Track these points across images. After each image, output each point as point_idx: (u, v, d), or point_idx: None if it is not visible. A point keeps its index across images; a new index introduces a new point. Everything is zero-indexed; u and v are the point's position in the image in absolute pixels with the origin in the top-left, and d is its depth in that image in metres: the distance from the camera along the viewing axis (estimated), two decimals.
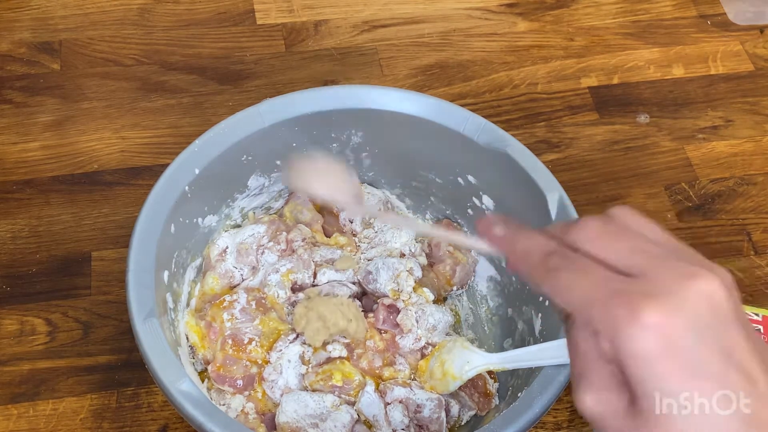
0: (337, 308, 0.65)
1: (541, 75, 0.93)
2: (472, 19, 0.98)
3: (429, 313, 0.67)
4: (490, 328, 0.72)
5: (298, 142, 0.70)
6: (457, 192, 0.72)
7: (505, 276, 0.72)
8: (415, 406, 0.63)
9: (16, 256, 0.75)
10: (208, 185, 0.65)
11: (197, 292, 0.69)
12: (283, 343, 0.65)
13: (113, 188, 0.80)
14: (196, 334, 0.65)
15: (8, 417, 0.66)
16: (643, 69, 0.94)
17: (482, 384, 0.66)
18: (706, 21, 0.99)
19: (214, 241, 0.70)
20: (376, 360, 0.65)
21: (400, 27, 0.96)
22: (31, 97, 0.86)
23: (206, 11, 0.96)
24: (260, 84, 0.89)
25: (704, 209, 0.83)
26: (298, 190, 0.63)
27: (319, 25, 0.95)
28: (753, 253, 0.80)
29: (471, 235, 0.71)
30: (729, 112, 0.91)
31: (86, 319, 0.72)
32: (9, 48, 0.90)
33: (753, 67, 0.95)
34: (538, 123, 0.89)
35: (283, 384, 0.64)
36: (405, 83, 0.91)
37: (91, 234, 0.77)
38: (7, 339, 0.70)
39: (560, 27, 0.98)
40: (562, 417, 0.70)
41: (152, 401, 0.68)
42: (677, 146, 0.88)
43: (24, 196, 0.79)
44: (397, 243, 0.71)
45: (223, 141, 0.65)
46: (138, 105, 0.87)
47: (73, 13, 0.94)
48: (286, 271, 0.68)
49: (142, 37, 0.93)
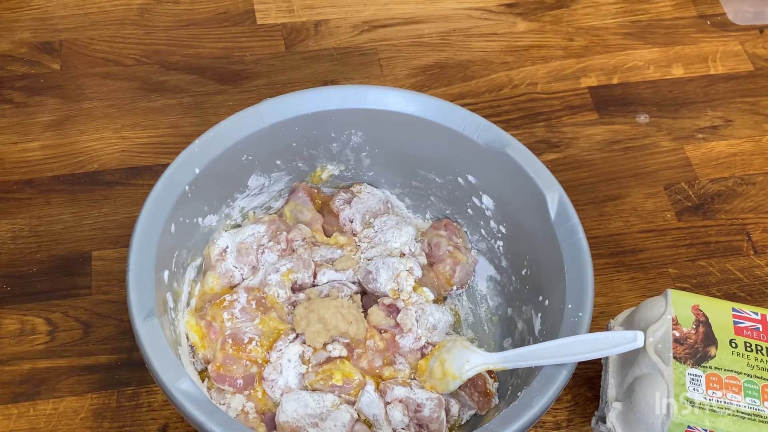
0: (338, 311, 0.65)
1: (541, 75, 0.93)
2: (472, 19, 0.98)
3: (429, 312, 0.67)
4: (490, 328, 0.72)
5: (298, 142, 0.70)
6: (457, 192, 0.72)
7: (505, 276, 0.72)
8: (415, 405, 0.63)
9: (17, 256, 0.75)
10: (208, 185, 0.65)
11: (197, 292, 0.69)
12: (283, 342, 0.65)
13: (113, 188, 0.80)
14: (196, 333, 0.65)
15: (8, 416, 0.66)
16: (643, 69, 0.94)
17: (482, 383, 0.66)
18: (706, 21, 0.99)
19: (215, 241, 0.70)
20: (376, 359, 0.65)
21: (400, 27, 0.96)
22: (32, 96, 0.86)
23: (206, 11, 0.96)
24: (260, 84, 0.89)
25: (704, 209, 0.83)
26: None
27: (319, 25, 0.95)
28: (752, 252, 0.80)
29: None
30: (728, 112, 0.91)
31: (86, 318, 0.72)
32: (9, 48, 0.90)
33: (752, 67, 0.95)
34: (538, 123, 0.89)
35: (283, 383, 0.64)
36: (405, 83, 0.91)
37: (92, 234, 0.77)
38: (8, 338, 0.70)
39: (560, 27, 0.98)
40: (561, 417, 0.70)
41: (152, 401, 0.68)
42: (677, 146, 0.88)
43: (24, 196, 0.79)
44: (397, 243, 0.71)
45: (223, 141, 0.65)
46: (138, 105, 0.87)
47: (73, 13, 0.94)
48: (286, 270, 0.68)
49: (142, 37, 0.93)
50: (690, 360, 0.60)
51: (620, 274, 0.78)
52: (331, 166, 0.74)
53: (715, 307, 0.63)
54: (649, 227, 0.81)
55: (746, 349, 0.61)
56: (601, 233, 0.81)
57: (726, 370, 0.60)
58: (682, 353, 0.60)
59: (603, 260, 0.78)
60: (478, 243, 0.74)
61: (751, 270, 0.79)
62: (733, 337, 0.62)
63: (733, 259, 0.79)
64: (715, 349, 0.61)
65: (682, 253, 0.79)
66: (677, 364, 0.60)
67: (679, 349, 0.60)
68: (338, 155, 0.73)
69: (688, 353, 0.60)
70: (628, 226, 0.82)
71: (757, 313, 0.63)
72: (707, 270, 0.78)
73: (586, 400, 0.70)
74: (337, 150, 0.72)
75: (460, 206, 0.73)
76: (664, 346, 0.61)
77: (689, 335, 0.61)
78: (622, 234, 0.81)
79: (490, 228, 0.72)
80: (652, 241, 0.80)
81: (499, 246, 0.72)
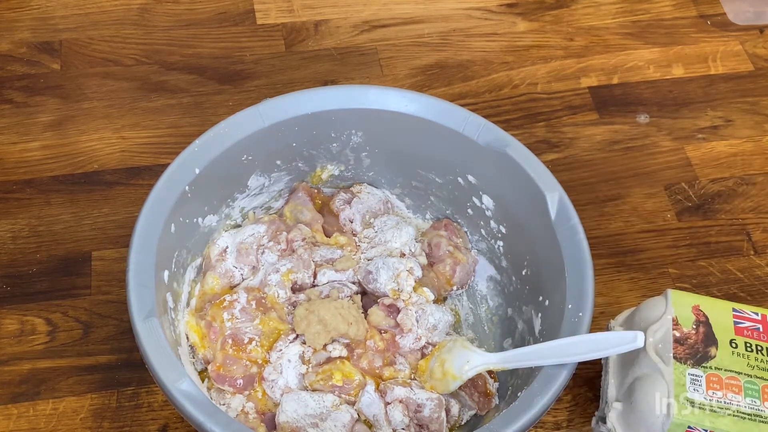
0: (338, 312, 0.65)
1: (541, 75, 0.93)
2: (472, 19, 0.98)
3: (429, 312, 0.67)
4: (490, 328, 0.72)
5: (298, 142, 0.70)
6: (457, 192, 0.72)
7: (505, 276, 0.72)
8: (416, 405, 0.63)
9: (17, 256, 0.75)
10: (208, 185, 0.65)
11: (197, 292, 0.69)
12: (283, 342, 0.65)
13: (113, 188, 0.80)
14: (196, 333, 0.65)
15: (8, 417, 0.66)
16: (643, 69, 0.94)
17: (482, 384, 0.66)
18: (706, 21, 0.99)
19: (215, 241, 0.70)
20: (376, 360, 0.65)
21: (400, 27, 0.96)
22: (32, 97, 0.86)
23: (206, 11, 0.96)
24: (260, 84, 0.89)
25: (704, 209, 0.83)
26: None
27: (319, 25, 0.95)
28: (753, 253, 0.80)
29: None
30: (729, 112, 0.91)
31: (86, 318, 0.72)
32: (9, 48, 0.90)
33: (753, 67, 0.95)
34: (538, 123, 0.89)
35: (283, 384, 0.64)
36: (405, 83, 0.91)
37: (92, 234, 0.77)
38: (8, 339, 0.70)
39: (560, 27, 0.98)
40: (561, 417, 0.70)
41: (152, 401, 0.68)
42: (677, 146, 0.88)
43: (24, 196, 0.79)
44: (397, 243, 0.71)
45: (223, 141, 0.65)
46: (138, 105, 0.87)
47: (73, 13, 0.94)
48: (286, 270, 0.68)
49: (142, 37, 0.93)
50: (690, 360, 0.60)
51: (620, 274, 0.78)
52: (331, 166, 0.74)
53: (716, 307, 0.63)
54: (650, 227, 0.81)
55: (746, 350, 0.61)
56: (602, 233, 0.81)
57: (726, 371, 0.60)
58: (683, 353, 0.60)
59: (603, 260, 0.78)
60: (479, 243, 0.74)
61: (752, 270, 0.79)
62: (734, 337, 0.62)
63: (734, 260, 0.79)
64: (716, 349, 0.61)
65: (683, 253, 0.79)
66: (677, 365, 0.60)
67: (679, 349, 0.60)
68: (338, 155, 0.73)
69: (689, 353, 0.60)
70: (628, 226, 0.81)
71: (757, 314, 0.63)
72: (707, 270, 0.78)
73: (586, 400, 0.70)
74: (337, 150, 0.72)
75: (460, 206, 0.73)
76: (665, 347, 0.61)
77: (689, 335, 0.61)
78: (622, 234, 0.81)
79: (490, 228, 0.72)
80: (653, 241, 0.80)
81: (499, 246, 0.72)
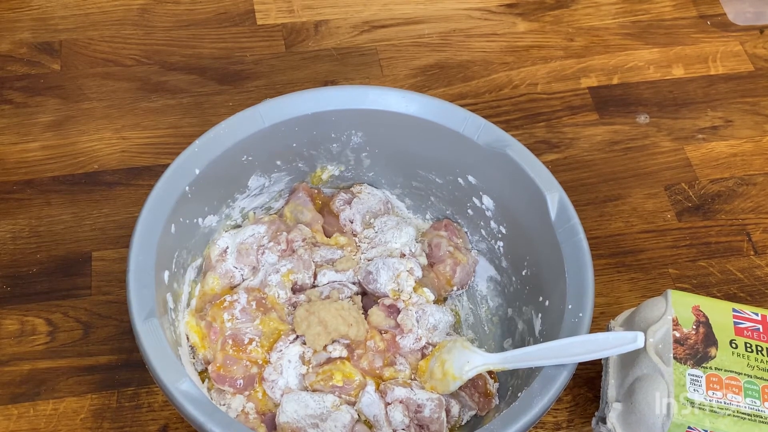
0: (338, 313, 0.65)
1: (541, 75, 0.93)
2: (472, 19, 0.98)
3: (429, 313, 0.67)
4: (490, 328, 0.72)
5: (298, 142, 0.70)
6: (457, 192, 0.72)
7: (505, 276, 0.72)
8: (416, 406, 0.63)
9: (17, 256, 0.75)
10: (208, 185, 0.65)
11: (197, 292, 0.69)
12: (283, 343, 0.65)
13: (113, 188, 0.80)
14: (196, 334, 0.65)
15: (8, 417, 0.66)
16: (643, 69, 0.94)
17: (482, 384, 0.66)
18: (706, 21, 0.99)
19: (215, 242, 0.70)
20: (376, 360, 0.65)
21: (400, 27, 0.96)
22: (32, 97, 0.86)
23: (206, 11, 0.96)
24: (260, 84, 0.89)
25: (704, 209, 0.83)
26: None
27: (319, 26, 0.95)
28: (753, 253, 0.80)
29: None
30: (729, 113, 0.91)
31: (86, 319, 0.72)
32: (9, 48, 0.90)
33: (753, 68, 0.95)
34: (538, 123, 0.89)
35: (283, 384, 0.64)
36: (405, 83, 0.91)
37: (92, 234, 0.77)
38: (8, 339, 0.70)
39: (560, 27, 0.98)
40: (561, 417, 0.70)
41: (152, 401, 0.68)
42: (677, 146, 0.88)
43: (24, 197, 0.79)
44: (397, 243, 0.71)
45: (224, 141, 0.65)
46: (138, 105, 0.87)
47: (73, 14, 0.94)
48: (287, 271, 0.68)
49: (142, 37, 0.93)
50: (690, 360, 0.60)
51: (620, 274, 0.78)
52: (332, 166, 0.74)
53: (716, 307, 0.63)
54: (650, 228, 0.81)
55: (746, 350, 0.61)
56: (602, 234, 0.81)
57: (726, 371, 0.60)
58: (683, 354, 0.60)
59: (603, 261, 0.78)
60: (479, 243, 0.74)
61: (752, 270, 0.79)
62: (734, 337, 0.62)
63: (734, 260, 0.79)
64: (716, 349, 0.61)
65: (683, 254, 0.79)
66: (677, 365, 0.60)
67: (679, 349, 0.60)
68: (338, 156, 0.73)
69: (689, 354, 0.60)
70: (628, 226, 0.82)
71: (757, 314, 0.63)
72: (707, 270, 0.78)
73: (586, 400, 0.70)
74: (338, 150, 0.72)
75: (461, 207, 0.73)
76: (665, 347, 0.61)
77: (689, 336, 0.61)
78: (622, 234, 0.81)
79: (491, 228, 0.72)
80: (653, 241, 0.80)
81: (499, 246, 0.72)
